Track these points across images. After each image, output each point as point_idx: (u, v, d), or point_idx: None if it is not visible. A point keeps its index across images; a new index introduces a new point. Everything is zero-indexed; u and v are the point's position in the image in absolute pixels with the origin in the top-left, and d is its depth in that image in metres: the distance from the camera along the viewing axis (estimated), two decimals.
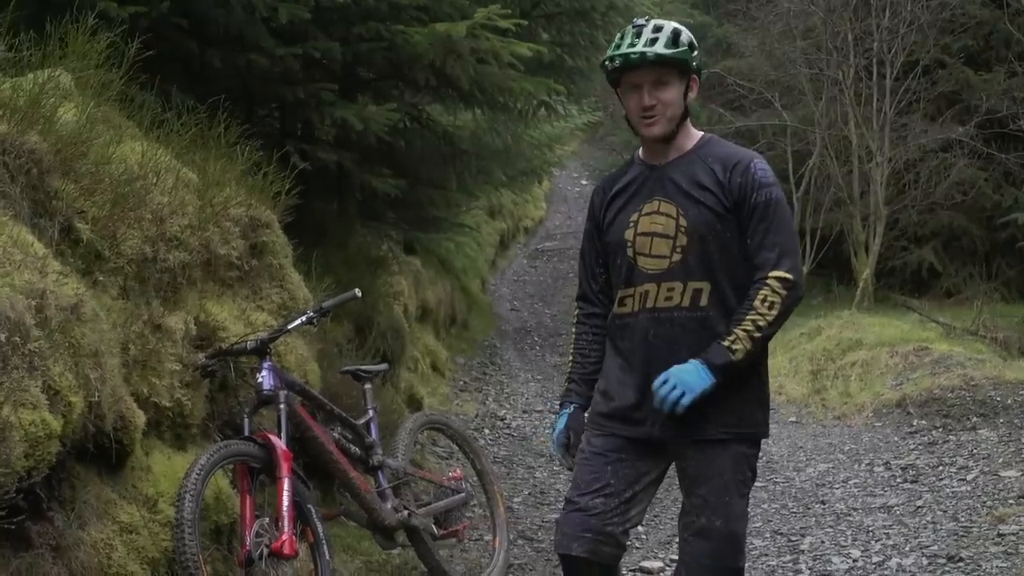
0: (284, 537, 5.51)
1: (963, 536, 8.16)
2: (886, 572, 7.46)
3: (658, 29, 4.57)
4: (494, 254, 30.02)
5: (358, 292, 6.82)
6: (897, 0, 22.23)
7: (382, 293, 11.02)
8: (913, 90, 22.50)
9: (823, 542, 8.34)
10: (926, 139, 22.51)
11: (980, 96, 22.45)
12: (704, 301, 4.61)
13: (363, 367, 7.43)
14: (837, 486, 10.26)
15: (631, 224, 4.70)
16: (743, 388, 4.64)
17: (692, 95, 4.72)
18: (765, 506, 9.66)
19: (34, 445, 4.15)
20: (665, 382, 4.47)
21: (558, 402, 4.89)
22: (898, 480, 10.27)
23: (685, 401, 4.44)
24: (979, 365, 14.09)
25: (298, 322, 6.35)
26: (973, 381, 13.36)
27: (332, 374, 7.82)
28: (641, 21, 4.66)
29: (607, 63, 4.68)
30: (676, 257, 4.62)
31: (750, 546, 8.33)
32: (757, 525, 8.98)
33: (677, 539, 6.42)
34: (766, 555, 8.13)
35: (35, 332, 4.32)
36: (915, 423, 12.71)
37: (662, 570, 7.86)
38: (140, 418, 5.21)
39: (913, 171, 23.04)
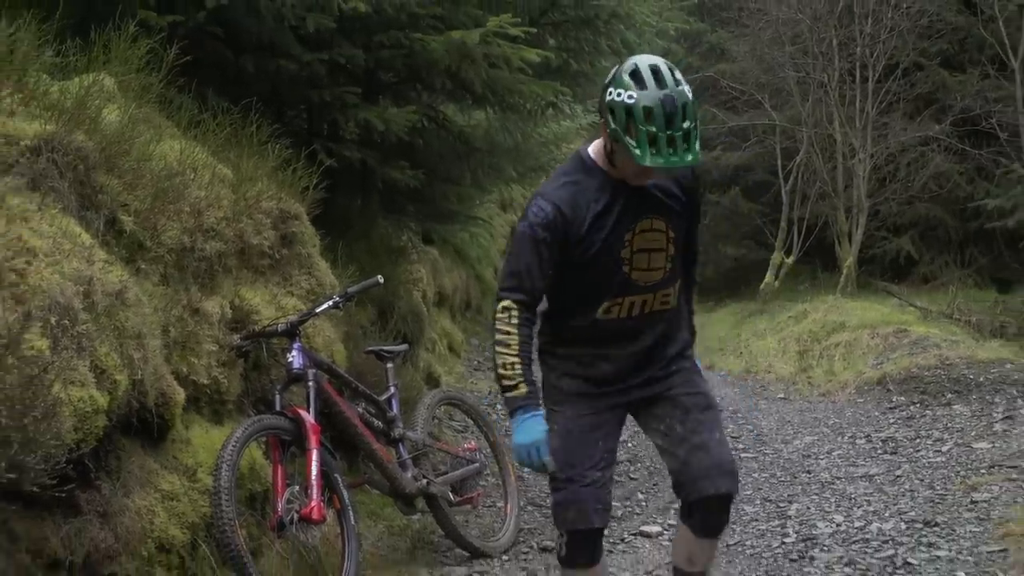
0: (313, 504, 5.54)
1: (938, 503, 8.15)
2: (867, 535, 7.45)
3: (685, 113, 4.25)
4: (505, 244, 30.00)
5: (380, 279, 6.85)
6: (879, 8, 22.20)
7: (402, 280, 11.00)
8: (893, 91, 22.46)
9: (809, 508, 8.33)
10: (905, 136, 22.46)
11: (955, 96, 22.37)
12: (678, 294, 4.80)
13: (385, 347, 7.46)
14: (822, 457, 10.25)
15: (626, 243, 4.52)
16: (683, 332, 4.88)
17: None
18: (756, 475, 9.65)
19: (82, 419, 4.17)
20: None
21: (521, 404, 4.47)
22: (878, 451, 10.26)
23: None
24: (953, 346, 14.08)
25: (325, 306, 6.38)
26: (948, 360, 13.36)
27: (357, 354, 7.83)
28: (663, 95, 4.23)
29: (646, 154, 4.23)
30: (668, 266, 4.64)
31: (741, 512, 8.35)
32: (748, 492, 8.97)
33: (675, 505, 6.33)
34: (756, 520, 8.12)
35: (83, 316, 4.34)
36: (894, 399, 12.70)
37: (660, 534, 7.86)
38: (180, 395, 5.23)
39: (893, 166, 23.00)
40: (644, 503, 8.77)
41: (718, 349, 19.92)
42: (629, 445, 11.00)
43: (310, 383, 6.05)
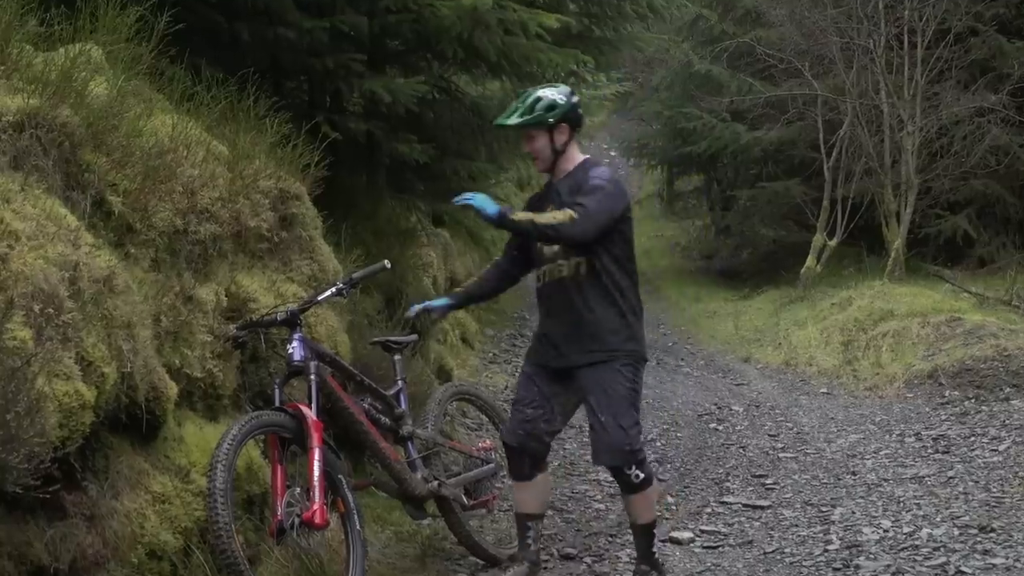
0: (315, 507, 5.55)
1: (995, 506, 8.15)
2: (917, 542, 7.46)
3: (523, 100, 6.63)
4: None
5: (387, 263, 6.87)
6: None
7: (411, 265, 11.05)
8: (945, 58, 22.29)
9: (854, 513, 8.35)
10: (958, 107, 22.29)
11: (1013, 64, 22.25)
12: (583, 271, 6.60)
13: (392, 338, 7.46)
14: (868, 457, 10.26)
15: None
16: (603, 323, 6.62)
17: (560, 138, 6.65)
18: (796, 477, 9.67)
19: (68, 415, 4.21)
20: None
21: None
22: (929, 451, 10.26)
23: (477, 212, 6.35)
24: (1012, 335, 13.98)
25: (328, 293, 6.40)
26: (1006, 351, 13.29)
27: (362, 345, 7.86)
28: (523, 91, 6.88)
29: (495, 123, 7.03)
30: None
31: (780, 516, 8.37)
32: (788, 496, 9.00)
33: (707, 509, 6.92)
34: (796, 526, 8.15)
35: (68, 304, 4.37)
36: (947, 394, 12.69)
37: (692, 540, 7.89)
38: (172, 389, 5.26)
39: (945, 139, 22.85)
40: (674, 507, 8.80)
41: (755, 340, 19.89)
42: (658, 444, 11.04)
43: (312, 376, 6.05)
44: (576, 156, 6.79)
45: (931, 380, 13.37)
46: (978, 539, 7.39)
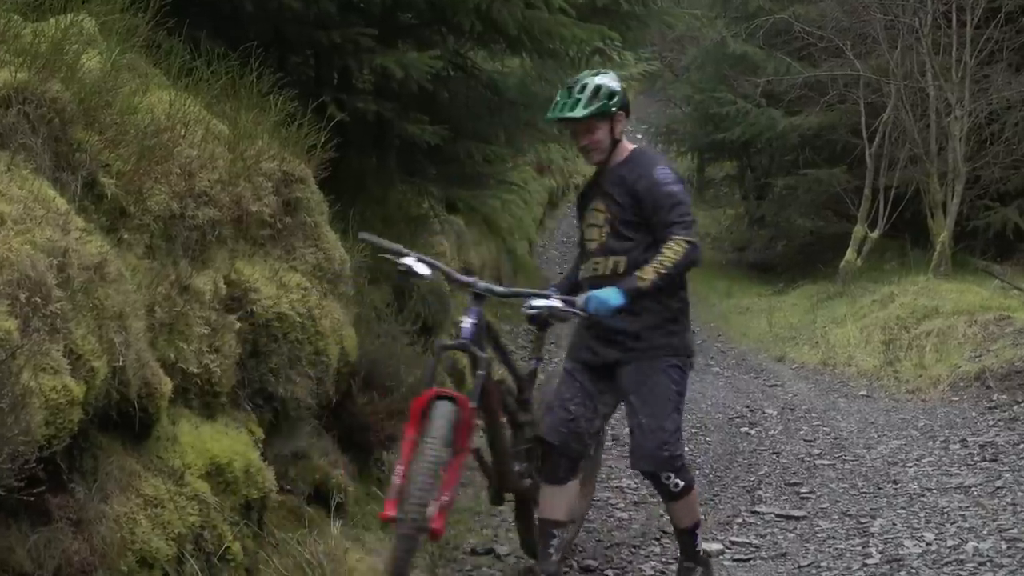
0: (440, 516, 5.58)
1: None
2: (962, 556, 7.44)
3: (582, 90, 6.65)
4: (542, 213, 30.05)
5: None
6: None
7: (422, 254, 11.02)
8: (995, 39, 22.25)
9: (895, 524, 8.33)
10: (1010, 91, 22.25)
11: None
12: (621, 269, 6.72)
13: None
14: (910, 464, 10.24)
15: (584, 216, 7.09)
16: (644, 320, 6.69)
17: (618, 127, 6.80)
18: (833, 486, 9.66)
19: (55, 412, 4.19)
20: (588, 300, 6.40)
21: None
22: (976, 458, 10.24)
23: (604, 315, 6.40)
24: None
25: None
26: None
27: (370, 340, 7.86)
28: (572, 82, 6.80)
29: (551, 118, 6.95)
30: (603, 240, 6.89)
31: (816, 527, 8.36)
32: (824, 506, 8.98)
33: (738, 519, 6.93)
34: (834, 538, 8.13)
35: (57, 293, 4.35)
36: (995, 398, 12.66)
37: (721, 553, 7.88)
38: (166, 385, 5.24)
39: (996, 125, 22.80)
40: (703, 517, 8.77)
41: (790, 338, 19.88)
42: (686, 449, 11.01)
43: (482, 372, 6.17)
44: (626, 144, 6.95)
45: (978, 383, 13.35)
46: None
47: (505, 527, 8.04)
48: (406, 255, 6.48)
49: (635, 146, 7.03)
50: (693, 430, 12.11)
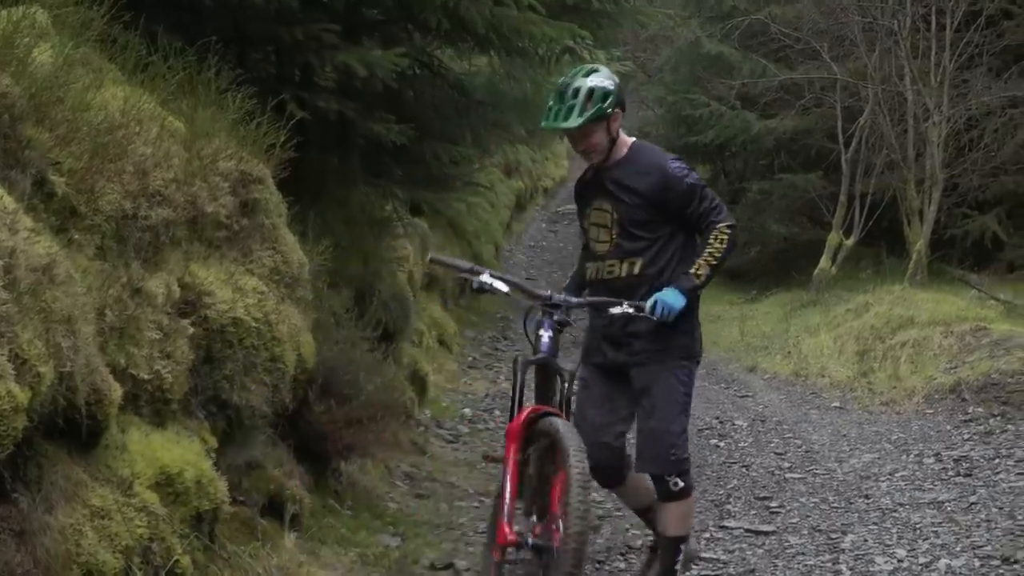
0: (559, 534, 5.72)
1: (1020, 536, 8.18)
2: (934, 574, 7.47)
3: (575, 95, 6.63)
4: (509, 217, 30.05)
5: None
6: None
7: (385, 258, 11.02)
8: (975, 43, 22.37)
9: (866, 540, 8.36)
10: (989, 97, 22.37)
11: None
12: (636, 270, 6.82)
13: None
14: (883, 479, 10.27)
15: (586, 215, 7.07)
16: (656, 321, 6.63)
17: (615, 125, 6.80)
18: (803, 500, 9.68)
19: None
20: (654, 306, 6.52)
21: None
22: (950, 473, 10.29)
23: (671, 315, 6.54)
24: None
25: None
26: None
27: (328, 347, 7.83)
28: (564, 85, 6.76)
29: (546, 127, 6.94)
30: (613, 241, 6.91)
31: (785, 543, 8.37)
32: (794, 521, 9.00)
33: (706, 534, 6.92)
34: (803, 554, 8.15)
35: (2, 295, 4.32)
36: (970, 410, 12.72)
37: (687, 569, 7.88)
38: (116, 391, 5.20)
39: (975, 131, 22.91)
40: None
41: (762, 347, 19.94)
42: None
43: (567, 384, 6.39)
44: (624, 138, 6.99)
45: (953, 395, 13.41)
46: (1001, 571, 7.42)
47: (464, 541, 8.03)
48: (481, 272, 6.69)
49: (633, 139, 7.05)
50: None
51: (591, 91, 6.64)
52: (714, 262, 6.58)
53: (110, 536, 5.01)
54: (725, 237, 6.61)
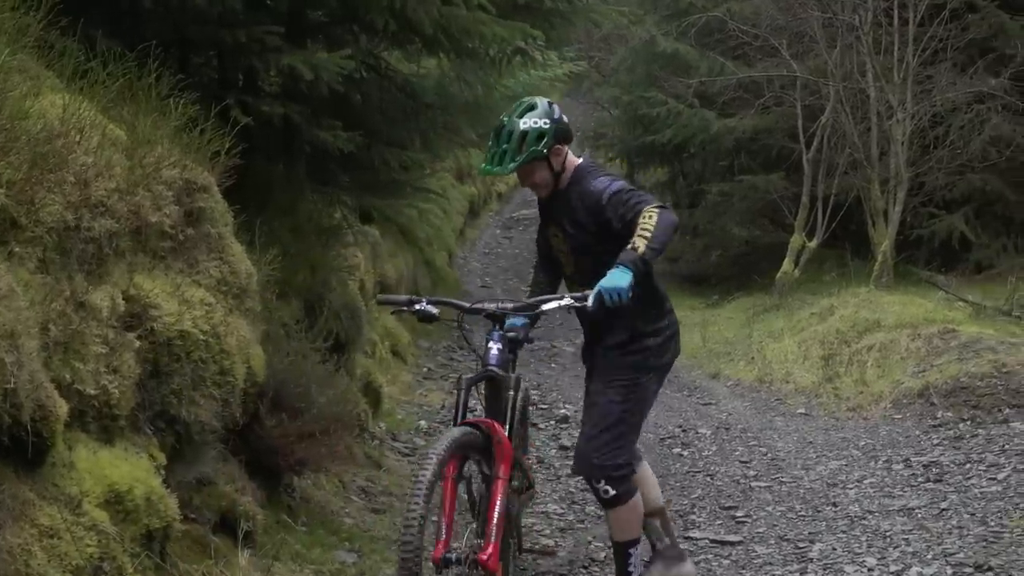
0: (490, 550, 5.77)
1: (993, 542, 8.24)
2: None
3: (508, 138, 6.87)
4: (462, 223, 30.06)
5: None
6: None
7: (335, 267, 11.02)
8: (939, 37, 22.45)
9: (835, 549, 8.42)
10: (954, 93, 22.45)
11: (1016, 44, 22.44)
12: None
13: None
14: (851, 486, 10.34)
15: (547, 237, 7.40)
16: (613, 325, 7.08)
17: (558, 160, 7.04)
18: (770, 508, 9.74)
19: None
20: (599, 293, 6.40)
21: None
22: (920, 479, 10.36)
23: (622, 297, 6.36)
24: (1013, 350, 14.09)
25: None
26: (1006, 368, 13.41)
27: (278, 359, 7.85)
28: (500, 126, 6.97)
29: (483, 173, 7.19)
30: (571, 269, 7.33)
31: (752, 553, 8.43)
32: (760, 530, 9.06)
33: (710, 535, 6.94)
34: (771, 564, 8.21)
35: None
36: (939, 415, 12.80)
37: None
38: (62, 408, 5.22)
39: (940, 128, 23.00)
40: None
41: (725, 353, 20.00)
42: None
43: (511, 393, 6.45)
44: (571, 161, 7.22)
45: (922, 399, 13.48)
46: None
47: (425, 555, 8.04)
48: (418, 302, 6.97)
49: (579, 161, 7.25)
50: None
51: (524, 134, 6.88)
52: (647, 235, 6.49)
53: (60, 556, 5.03)
54: (655, 214, 6.59)
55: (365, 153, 10.52)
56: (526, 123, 6.91)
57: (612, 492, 7.00)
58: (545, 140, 6.91)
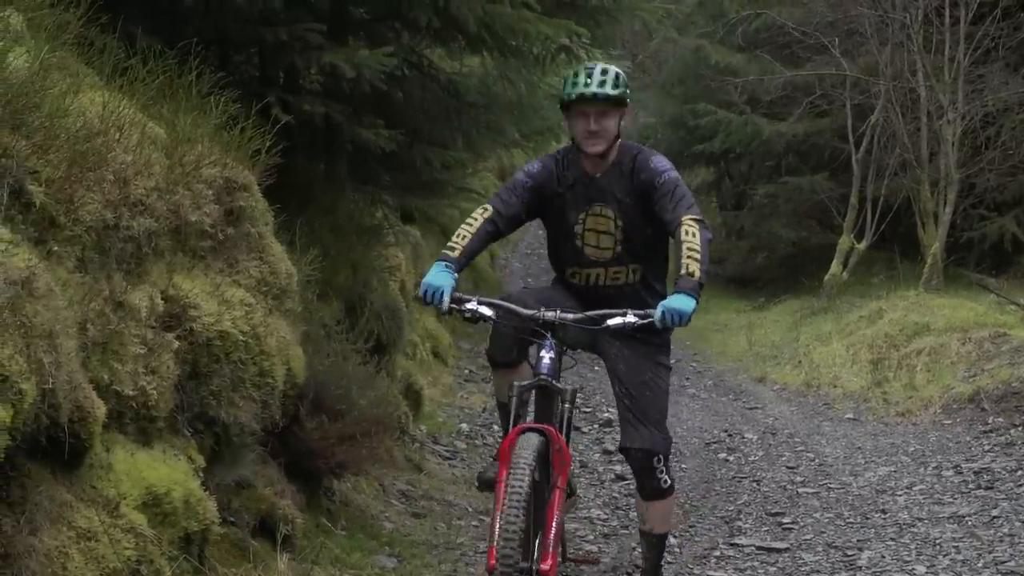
0: (549, 561, 5.73)
1: None
2: None
3: (604, 73, 6.76)
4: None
5: None
6: None
7: (376, 267, 11.03)
8: (991, 36, 22.34)
9: (883, 557, 8.38)
10: (1006, 92, 22.34)
11: None
12: (638, 277, 7.13)
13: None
14: (900, 493, 10.29)
15: (579, 221, 7.11)
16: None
17: (623, 121, 6.96)
18: (817, 516, 9.70)
19: None
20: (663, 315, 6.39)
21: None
22: (970, 486, 10.30)
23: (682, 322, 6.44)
24: None
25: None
26: None
27: (318, 360, 7.85)
28: (591, 65, 6.91)
29: (565, 96, 6.86)
30: (617, 248, 7.08)
31: (799, 561, 8.39)
32: (808, 537, 9.02)
33: (715, 552, 6.94)
34: (818, 571, 8.17)
35: None
36: (990, 421, 12.73)
37: None
38: (100, 409, 5.22)
39: (991, 128, 22.88)
40: (677, 549, 8.79)
41: (771, 357, 19.95)
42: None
43: (566, 404, 6.31)
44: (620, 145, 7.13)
45: (972, 405, 13.42)
46: None
47: (464, 561, 8.05)
48: (468, 300, 6.62)
49: (620, 140, 7.11)
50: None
51: (618, 75, 6.81)
52: (697, 256, 6.42)
53: (97, 559, 5.04)
54: (697, 232, 6.51)
55: (407, 152, 10.52)
56: (617, 68, 6.89)
57: (669, 481, 6.99)
58: (628, 91, 6.88)
